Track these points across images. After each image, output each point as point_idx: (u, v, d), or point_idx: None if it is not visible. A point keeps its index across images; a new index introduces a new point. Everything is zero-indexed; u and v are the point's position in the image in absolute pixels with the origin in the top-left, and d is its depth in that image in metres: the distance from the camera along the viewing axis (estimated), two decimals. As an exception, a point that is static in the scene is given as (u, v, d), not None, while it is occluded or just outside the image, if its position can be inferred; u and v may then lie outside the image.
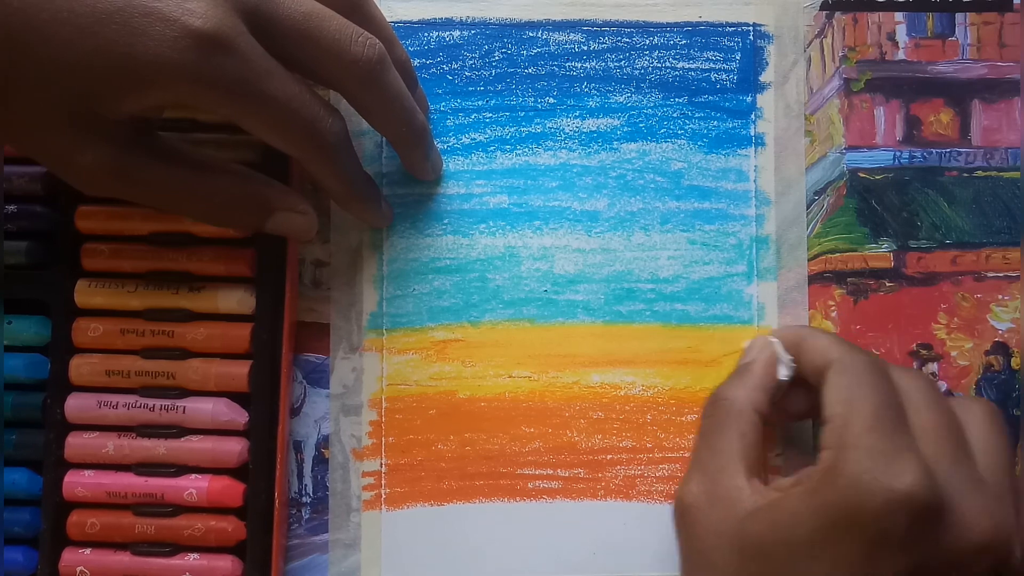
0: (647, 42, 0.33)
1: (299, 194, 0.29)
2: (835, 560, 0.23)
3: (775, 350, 0.28)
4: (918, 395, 0.26)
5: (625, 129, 0.33)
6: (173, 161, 0.27)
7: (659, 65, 0.33)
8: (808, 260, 0.32)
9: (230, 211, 0.28)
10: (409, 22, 0.33)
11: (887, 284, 0.32)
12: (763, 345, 0.29)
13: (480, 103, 0.33)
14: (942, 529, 0.23)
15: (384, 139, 0.32)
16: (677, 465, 0.32)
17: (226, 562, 0.30)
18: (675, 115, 0.33)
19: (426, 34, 0.33)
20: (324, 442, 0.32)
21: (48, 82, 0.24)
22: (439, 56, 0.33)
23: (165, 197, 0.27)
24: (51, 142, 0.25)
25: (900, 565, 0.23)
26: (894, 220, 0.33)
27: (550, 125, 0.33)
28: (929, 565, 0.23)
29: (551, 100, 0.33)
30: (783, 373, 0.28)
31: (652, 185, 0.33)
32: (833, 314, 0.32)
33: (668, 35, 0.33)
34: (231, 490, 0.30)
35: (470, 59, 0.33)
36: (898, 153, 0.33)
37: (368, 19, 0.28)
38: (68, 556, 0.30)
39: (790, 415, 0.29)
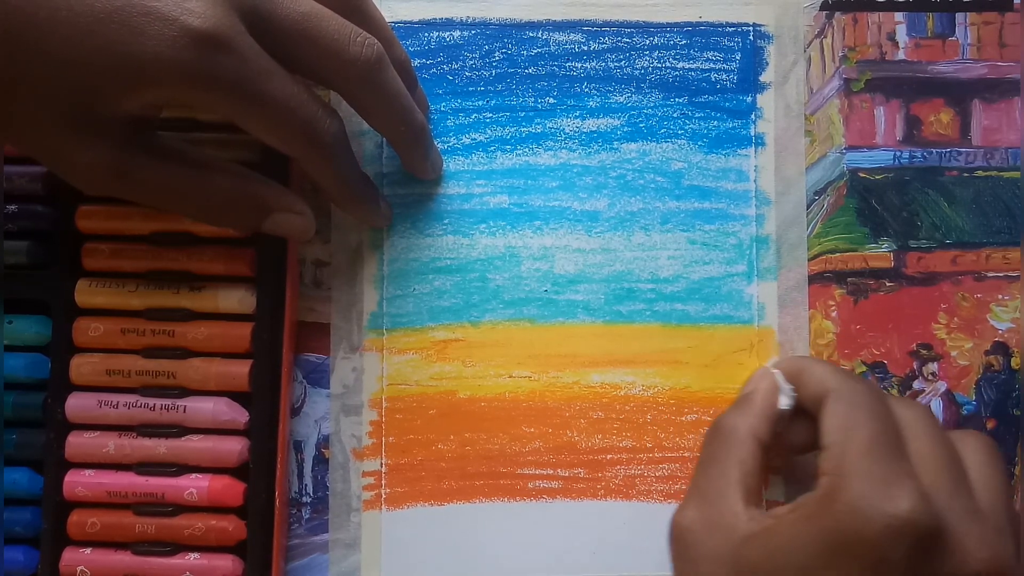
0: (647, 42, 0.33)
1: (297, 195, 0.29)
2: None
3: (775, 380, 0.28)
4: (917, 424, 0.25)
5: (625, 129, 0.33)
6: (172, 161, 0.27)
7: (659, 65, 0.33)
8: (808, 260, 0.32)
9: (228, 211, 0.28)
10: (409, 22, 0.33)
11: (887, 284, 0.32)
12: (763, 375, 0.29)
13: (480, 103, 0.33)
14: (940, 556, 0.23)
15: (384, 139, 0.32)
16: (677, 465, 0.32)
17: (226, 562, 0.30)
18: (675, 115, 0.33)
19: (426, 34, 0.33)
20: (324, 442, 0.32)
21: (47, 81, 0.24)
22: (439, 56, 0.33)
23: (163, 197, 0.27)
24: (50, 141, 0.25)
25: None
26: (894, 220, 0.33)
27: (550, 125, 0.33)
28: None
29: (551, 100, 0.33)
30: (783, 402, 0.28)
31: (652, 185, 0.33)
32: (833, 314, 0.32)
33: (668, 35, 0.33)
34: (231, 489, 0.30)
35: (470, 59, 0.33)
36: (898, 153, 0.33)
37: (367, 19, 0.28)
38: (69, 556, 0.30)
39: (794, 447, 0.29)
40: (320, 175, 0.28)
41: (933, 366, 0.32)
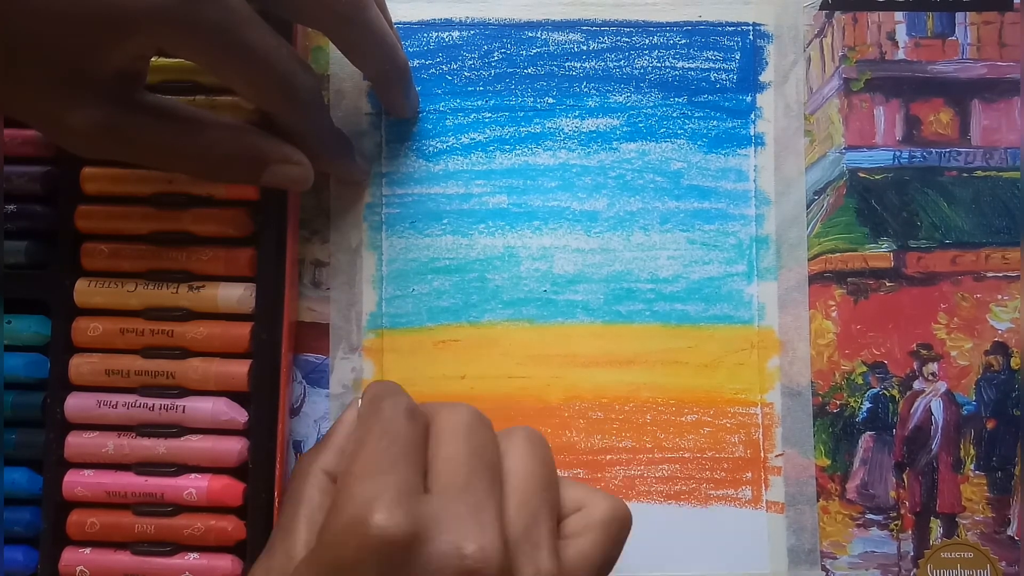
0: (647, 42, 0.33)
1: (293, 145, 0.29)
2: None
3: (357, 407, 0.27)
4: (449, 427, 0.24)
5: (624, 129, 0.33)
6: (165, 117, 0.26)
7: (659, 65, 0.33)
8: (808, 260, 0.32)
9: (225, 165, 0.28)
10: (408, 23, 0.33)
11: (887, 284, 0.32)
12: (350, 404, 0.27)
13: (479, 103, 0.33)
14: (419, 562, 0.21)
15: (383, 137, 0.32)
16: (677, 466, 0.32)
17: (226, 561, 0.30)
18: (675, 115, 0.33)
19: (425, 35, 0.33)
20: (324, 442, 0.32)
21: (33, 38, 0.23)
22: (438, 56, 0.33)
23: (159, 155, 0.27)
24: (42, 104, 0.25)
25: None
26: (894, 220, 0.33)
27: (549, 125, 0.33)
28: None
29: (550, 100, 0.33)
30: None
31: (652, 185, 0.33)
32: (833, 314, 0.32)
33: (668, 35, 0.33)
34: (231, 489, 0.30)
35: (469, 59, 0.33)
36: (898, 153, 0.33)
37: None
38: (68, 556, 0.30)
39: None
40: (295, 129, 0.28)
41: (933, 366, 0.32)
